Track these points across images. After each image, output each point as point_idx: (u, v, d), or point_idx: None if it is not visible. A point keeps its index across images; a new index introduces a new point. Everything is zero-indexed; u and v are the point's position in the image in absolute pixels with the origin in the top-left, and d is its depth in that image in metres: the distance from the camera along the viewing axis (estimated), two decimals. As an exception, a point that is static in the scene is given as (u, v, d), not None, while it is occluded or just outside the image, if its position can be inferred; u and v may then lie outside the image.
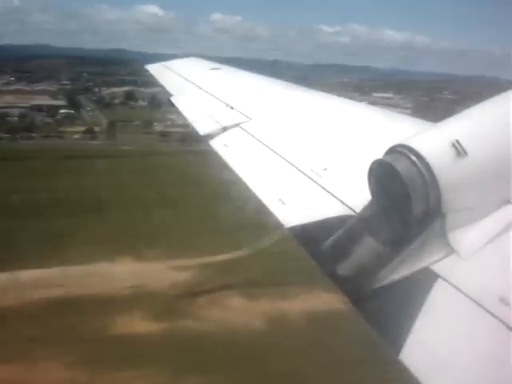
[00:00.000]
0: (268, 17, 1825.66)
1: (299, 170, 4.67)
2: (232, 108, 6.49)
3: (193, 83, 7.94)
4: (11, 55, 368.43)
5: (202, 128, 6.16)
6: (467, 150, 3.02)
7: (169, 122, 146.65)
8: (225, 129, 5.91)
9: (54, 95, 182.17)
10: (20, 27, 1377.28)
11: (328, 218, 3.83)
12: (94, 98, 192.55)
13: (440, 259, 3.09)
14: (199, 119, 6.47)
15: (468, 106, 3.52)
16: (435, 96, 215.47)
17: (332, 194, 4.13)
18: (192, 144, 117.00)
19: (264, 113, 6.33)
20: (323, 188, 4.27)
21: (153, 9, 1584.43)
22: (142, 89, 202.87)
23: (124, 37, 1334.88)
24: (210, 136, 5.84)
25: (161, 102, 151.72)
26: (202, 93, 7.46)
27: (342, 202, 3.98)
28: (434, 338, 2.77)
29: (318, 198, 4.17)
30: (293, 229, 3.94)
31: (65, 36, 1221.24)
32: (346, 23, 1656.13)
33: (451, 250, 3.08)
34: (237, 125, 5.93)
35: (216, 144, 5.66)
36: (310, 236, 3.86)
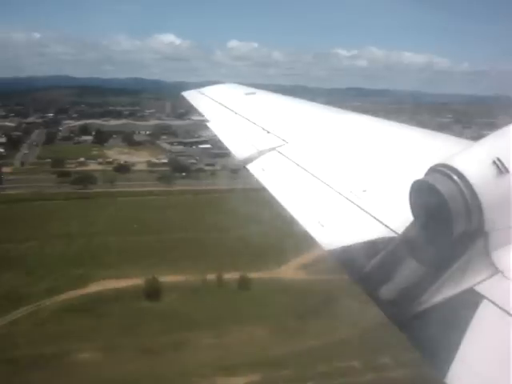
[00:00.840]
0: (283, 42, 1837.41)
1: (338, 192, 4.64)
2: (268, 132, 6.50)
3: (228, 108, 7.95)
4: (24, 87, 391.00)
5: (238, 152, 6.13)
6: (508, 167, 3.02)
7: (100, 160, 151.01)
8: (261, 153, 5.90)
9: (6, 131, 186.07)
10: (40, 59, 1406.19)
11: (369, 240, 3.79)
12: (45, 133, 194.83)
13: (484, 279, 3.06)
14: (236, 144, 6.47)
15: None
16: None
17: (372, 216, 4.11)
18: (92, 185, 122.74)
19: (300, 136, 6.32)
20: (363, 209, 4.25)
21: (170, 38, 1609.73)
22: (138, 122, 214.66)
23: (142, 66, 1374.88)
24: (247, 160, 5.82)
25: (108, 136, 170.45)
26: (237, 118, 7.44)
27: (382, 223, 3.97)
28: (480, 361, 2.73)
29: (358, 220, 4.14)
30: (332, 251, 3.92)
31: (83, 67, 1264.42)
32: (362, 46, 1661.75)
33: (495, 270, 3.06)
34: (273, 148, 5.94)
35: (253, 168, 5.66)
36: (350, 258, 3.80)
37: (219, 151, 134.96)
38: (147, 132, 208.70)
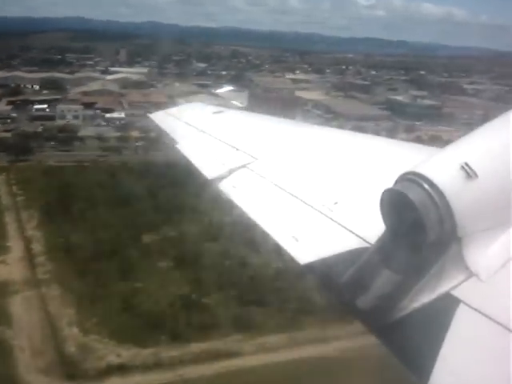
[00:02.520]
0: None
1: (310, 206, 4.62)
2: (237, 149, 6.43)
3: (197, 128, 7.74)
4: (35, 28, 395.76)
5: (208, 172, 6.03)
6: (477, 171, 3.04)
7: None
8: (231, 171, 5.81)
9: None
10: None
11: (343, 252, 3.79)
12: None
13: (459, 283, 3.08)
14: (205, 163, 6.37)
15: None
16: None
17: (345, 227, 4.10)
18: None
19: (270, 152, 6.26)
20: (335, 222, 4.24)
21: None
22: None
23: (157, 9, 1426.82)
24: (218, 179, 5.74)
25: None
26: (206, 137, 7.31)
27: (355, 234, 3.95)
28: (461, 363, 2.77)
29: (332, 233, 4.13)
30: (308, 265, 3.88)
31: (98, 8, 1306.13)
32: None
33: (470, 273, 3.07)
34: (243, 166, 5.88)
35: (224, 186, 5.59)
36: (325, 271, 3.79)
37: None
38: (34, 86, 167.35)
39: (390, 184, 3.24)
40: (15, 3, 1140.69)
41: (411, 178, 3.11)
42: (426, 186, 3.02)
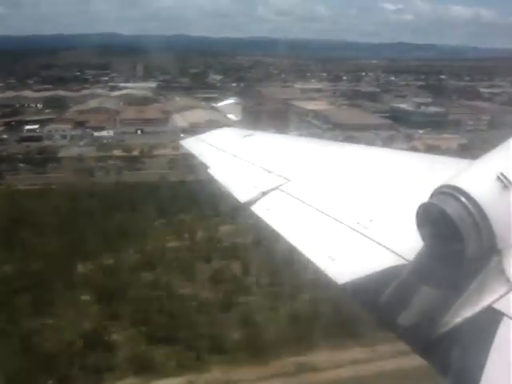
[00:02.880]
0: None
1: (345, 225, 4.60)
2: (269, 172, 6.41)
3: (228, 152, 7.78)
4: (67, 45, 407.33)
5: (241, 195, 6.05)
6: None
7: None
8: (264, 193, 5.83)
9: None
10: (83, 17, 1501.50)
11: (381, 270, 3.74)
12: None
13: (502, 296, 3.01)
14: (237, 187, 6.39)
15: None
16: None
17: (381, 245, 4.06)
18: None
19: (302, 173, 6.25)
20: (371, 239, 4.20)
21: None
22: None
23: (184, 23, 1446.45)
24: (251, 202, 5.75)
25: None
26: (237, 160, 7.34)
27: (392, 251, 3.90)
28: (507, 378, 2.72)
29: (368, 250, 4.10)
30: (345, 285, 3.85)
31: (129, 24, 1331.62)
32: (408, 0, 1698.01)
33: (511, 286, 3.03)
34: (276, 188, 5.88)
35: (257, 209, 5.59)
36: (364, 290, 3.75)
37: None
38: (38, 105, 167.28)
39: (424, 199, 3.24)
40: (48, 21, 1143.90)
41: (447, 192, 3.11)
42: (463, 199, 3.02)
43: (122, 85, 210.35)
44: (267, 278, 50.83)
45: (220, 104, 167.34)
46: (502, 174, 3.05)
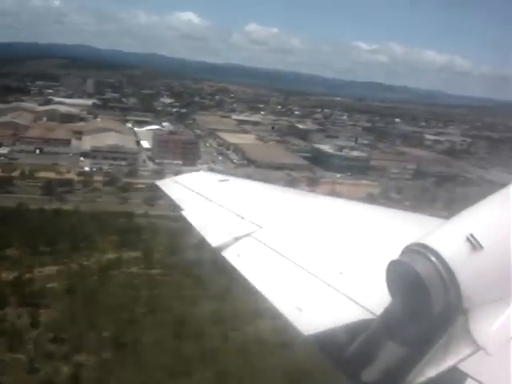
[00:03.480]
0: (302, 31, 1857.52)
1: (315, 276, 4.57)
2: (242, 218, 6.39)
3: (203, 196, 7.78)
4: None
5: (213, 240, 5.97)
6: (482, 243, 3.06)
7: None
8: (236, 239, 5.77)
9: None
10: (60, 27, 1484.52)
11: (348, 323, 3.73)
12: None
13: (466, 357, 3.02)
14: (210, 231, 6.36)
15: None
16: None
17: (350, 298, 4.04)
18: None
19: (275, 221, 6.25)
20: (340, 292, 4.18)
21: (189, 16, 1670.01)
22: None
23: (162, 42, 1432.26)
24: (222, 247, 5.72)
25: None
26: (212, 204, 7.32)
27: (360, 305, 3.90)
28: None
29: (336, 303, 4.07)
30: (312, 336, 3.82)
31: (104, 38, 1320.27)
32: (383, 41, 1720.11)
33: (477, 347, 3.02)
34: (248, 234, 5.83)
35: (228, 255, 5.55)
36: (330, 343, 3.73)
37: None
38: None
39: (395, 255, 3.25)
40: (25, 29, 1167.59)
41: (417, 250, 3.13)
42: (433, 258, 3.04)
43: (57, 99, 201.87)
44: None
45: (143, 129, 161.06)
46: (471, 235, 3.09)
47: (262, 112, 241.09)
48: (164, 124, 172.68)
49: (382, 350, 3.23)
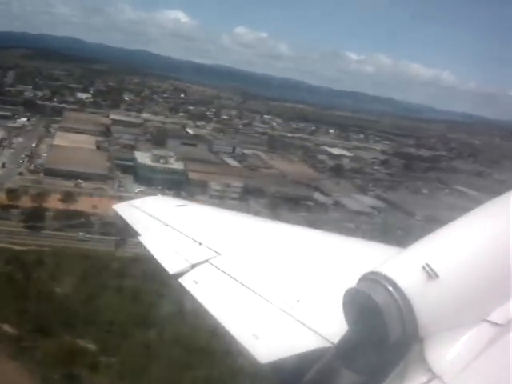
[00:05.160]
0: (291, 36, 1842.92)
1: (271, 303, 4.58)
2: (200, 244, 6.36)
3: (160, 221, 7.66)
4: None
5: (170, 266, 5.88)
6: (438, 272, 3.13)
7: None
8: (194, 265, 5.73)
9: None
10: (48, 18, 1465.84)
11: (305, 351, 3.76)
12: None
13: None
14: (167, 257, 6.25)
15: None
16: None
17: (307, 326, 4.07)
18: None
19: (233, 247, 6.22)
20: (297, 320, 4.21)
21: (177, 14, 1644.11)
22: None
23: (149, 39, 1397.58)
24: (180, 274, 5.62)
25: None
26: (169, 230, 7.21)
27: (317, 333, 3.92)
28: None
29: (293, 331, 4.09)
30: (268, 364, 3.80)
31: (91, 31, 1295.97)
32: (371, 52, 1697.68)
33: (433, 375, 3.02)
34: (206, 261, 5.81)
35: (185, 282, 5.48)
36: (287, 371, 3.81)
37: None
38: None
39: (351, 283, 3.30)
40: (17, 19, 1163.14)
41: (374, 278, 3.17)
42: (389, 287, 3.09)
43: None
44: None
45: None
46: (427, 264, 3.15)
47: (168, 113, 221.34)
48: (20, 119, 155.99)
49: (339, 379, 3.24)
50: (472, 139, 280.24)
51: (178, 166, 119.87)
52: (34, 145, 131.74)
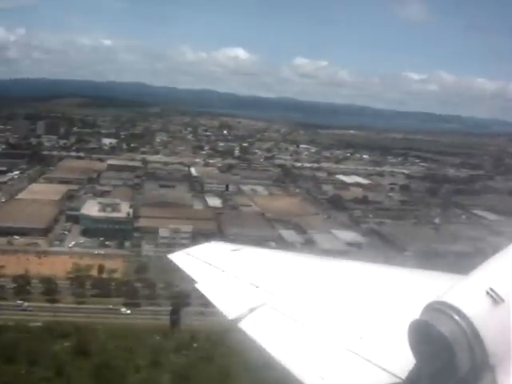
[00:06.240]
0: (351, 62, 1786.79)
1: (334, 342, 4.51)
2: (257, 287, 6.30)
3: (216, 267, 7.60)
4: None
5: (229, 312, 5.77)
6: (503, 296, 3.05)
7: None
8: (252, 309, 5.63)
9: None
10: (113, 66, 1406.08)
11: None
12: None
13: None
14: (225, 303, 6.17)
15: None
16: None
17: (372, 363, 3.98)
18: None
19: (290, 288, 6.16)
20: (362, 357, 4.12)
21: (236, 52, 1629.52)
22: None
23: (210, 79, 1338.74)
24: (239, 319, 5.55)
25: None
26: (225, 275, 7.17)
27: (384, 369, 3.83)
28: None
29: (359, 369, 4.01)
30: None
31: (157, 76, 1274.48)
32: (432, 71, 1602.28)
33: None
34: (264, 304, 5.71)
35: (245, 326, 5.41)
36: None
37: None
38: None
39: (415, 315, 3.21)
40: (82, 67, 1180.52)
41: (438, 308, 3.10)
42: (454, 316, 3.02)
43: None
44: None
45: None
46: (491, 288, 3.08)
47: (188, 152, 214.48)
48: (12, 173, 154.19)
49: None
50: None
51: (125, 214, 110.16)
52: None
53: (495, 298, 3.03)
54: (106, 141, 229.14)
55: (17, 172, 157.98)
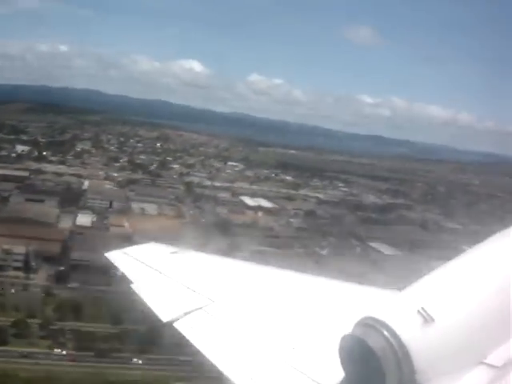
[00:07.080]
0: (305, 81, 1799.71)
1: (267, 350, 4.58)
2: (194, 291, 6.31)
3: (153, 268, 7.50)
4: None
5: (164, 314, 5.81)
6: (434, 315, 3.09)
7: None
8: (187, 313, 5.67)
9: None
10: (68, 72, 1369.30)
11: None
12: None
13: None
14: (161, 305, 6.18)
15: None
16: None
17: (303, 373, 4.08)
18: None
19: (227, 294, 6.19)
20: (293, 367, 4.21)
21: (191, 64, 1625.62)
22: None
23: (164, 90, 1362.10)
24: (173, 321, 5.58)
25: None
26: (162, 278, 7.11)
27: (313, 380, 3.95)
28: None
29: (288, 378, 4.11)
30: None
31: (112, 84, 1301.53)
32: (386, 95, 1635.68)
33: None
34: (200, 308, 5.76)
35: (180, 327, 5.48)
36: None
37: None
38: None
39: (347, 329, 3.26)
40: (34, 72, 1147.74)
41: (369, 324, 3.14)
42: (385, 332, 3.05)
43: None
44: None
45: None
46: (422, 308, 3.10)
47: (100, 165, 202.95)
48: None
49: None
50: (475, 180, 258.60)
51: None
52: None
53: (426, 318, 3.06)
54: (20, 148, 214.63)
55: None
